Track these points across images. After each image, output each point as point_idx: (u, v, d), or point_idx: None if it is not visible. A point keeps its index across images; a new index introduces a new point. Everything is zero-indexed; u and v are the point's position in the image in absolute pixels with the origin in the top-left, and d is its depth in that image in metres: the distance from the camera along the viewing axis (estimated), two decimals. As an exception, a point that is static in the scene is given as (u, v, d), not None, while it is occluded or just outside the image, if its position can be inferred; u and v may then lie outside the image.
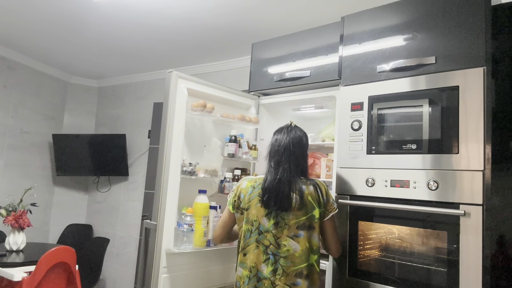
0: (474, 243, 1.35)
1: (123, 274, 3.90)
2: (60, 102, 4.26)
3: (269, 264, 1.45)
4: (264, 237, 1.47)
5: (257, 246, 1.48)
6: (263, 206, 1.49)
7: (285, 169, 1.51)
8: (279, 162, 1.54)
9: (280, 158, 1.54)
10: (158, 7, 2.51)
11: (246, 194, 1.54)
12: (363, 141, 1.69)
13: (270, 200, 1.47)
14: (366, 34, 1.78)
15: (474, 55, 1.45)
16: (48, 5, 2.60)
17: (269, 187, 1.49)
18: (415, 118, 1.57)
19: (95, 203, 4.29)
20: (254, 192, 1.53)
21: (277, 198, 1.46)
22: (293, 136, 1.59)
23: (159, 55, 3.47)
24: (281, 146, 1.56)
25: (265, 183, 1.51)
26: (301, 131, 1.64)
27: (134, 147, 4.03)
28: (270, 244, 1.46)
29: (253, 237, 1.49)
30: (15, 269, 2.38)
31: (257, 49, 2.36)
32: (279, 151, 1.56)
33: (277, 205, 1.46)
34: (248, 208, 1.52)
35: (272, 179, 1.50)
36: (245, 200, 1.54)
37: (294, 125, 1.65)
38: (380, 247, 1.65)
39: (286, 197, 1.46)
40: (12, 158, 3.70)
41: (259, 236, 1.48)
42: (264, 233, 1.48)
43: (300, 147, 1.59)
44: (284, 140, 1.57)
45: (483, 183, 1.36)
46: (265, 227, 1.48)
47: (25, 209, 2.80)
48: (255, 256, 1.47)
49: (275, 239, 1.46)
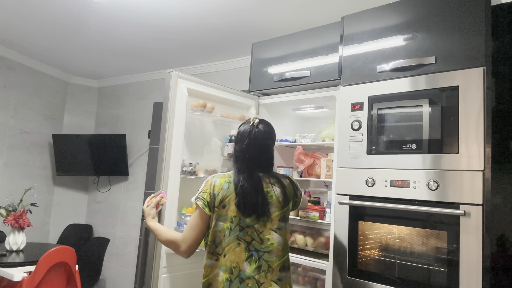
0: (474, 243, 1.35)
1: (123, 274, 3.90)
2: (60, 102, 4.26)
3: (252, 261, 1.37)
4: (246, 233, 1.38)
5: (238, 244, 1.38)
6: (240, 212, 1.39)
7: (253, 168, 1.44)
8: (248, 161, 1.45)
9: (248, 157, 1.45)
10: (158, 7, 2.51)
11: (220, 191, 1.42)
12: (363, 141, 1.69)
13: (246, 208, 1.38)
14: (366, 34, 1.78)
15: (474, 55, 1.45)
16: (48, 5, 2.60)
17: (240, 192, 1.39)
18: (415, 118, 1.57)
19: (95, 203, 4.29)
20: (230, 187, 1.42)
21: (251, 206, 1.38)
22: (258, 131, 1.49)
23: (159, 55, 3.47)
24: (247, 144, 1.46)
25: (236, 189, 1.40)
26: (265, 126, 1.53)
27: (134, 147, 4.03)
28: (253, 240, 1.38)
29: (233, 234, 1.38)
30: (15, 269, 2.38)
31: (257, 49, 2.36)
32: (246, 149, 1.46)
33: (255, 213, 1.39)
34: (225, 205, 1.40)
35: (243, 185, 1.40)
36: (219, 197, 1.41)
37: (258, 122, 1.53)
38: (380, 247, 1.65)
39: (262, 205, 1.39)
40: (12, 158, 3.70)
41: (239, 232, 1.38)
42: (245, 229, 1.39)
43: (269, 139, 1.52)
44: (248, 133, 1.48)
45: (483, 183, 1.36)
46: (246, 222, 1.39)
47: (25, 209, 2.80)
48: (236, 255, 1.37)
49: (257, 233, 1.39)
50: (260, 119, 1.54)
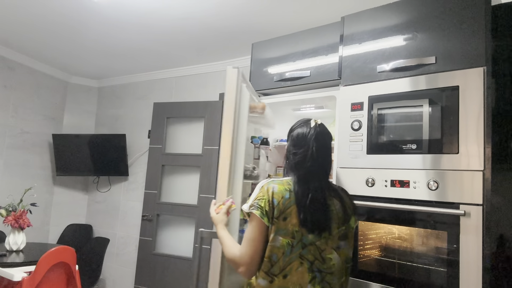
0: (474, 243, 1.35)
1: (123, 274, 3.90)
2: (60, 102, 4.26)
3: (315, 283, 1.19)
4: (309, 251, 1.20)
5: (301, 263, 1.19)
6: (303, 226, 1.20)
7: (319, 178, 1.26)
8: (309, 168, 1.26)
9: (312, 164, 1.26)
10: (158, 7, 2.51)
11: (280, 200, 1.21)
12: (363, 141, 1.69)
13: (312, 223, 1.20)
14: (366, 34, 1.78)
15: (474, 55, 1.45)
16: (48, 5, 2.60)
17: (305, 205, 1.21)
18: (415, 118, 1.57)
19: (95, 203, 4.29)
20: (291, 197, 1.22)
21: (316, 221, 1.21)
22: (320, 131, 1.32)
23: (159, 55, 3.47)
24: (313, 149, 1.27)
25: (299, 197, 1.22)
26: (325, 126, 1.38)
27: (134, 147, 4.03)
28: (315, 259, 1.20)
29: (296, 252, 1.19)
30: (15, 269, 2.38)
31: (257, 49, 2.36)
32: (310, 154, 1.27)
33: (318, 229, 1.21)
34: (286, 217, 1.20)
35: (309, 196, 1.22)
36: (279, 207, 1.20)
37: (320, 122, 1.37)
38: (380, 247, 1.65)
39: (325, 220, 1.23)
40: (12, 158, 3.70)
41: (302, 250, 1.19)
42: (308, 246, 1.20)
43: (330, 141, 1.36)
44: (311, 136, 1.30)
45: (483, 183, 1.36)
46: (308, 239, 1.20)
47: (25, 209, 2.80)
48: (299, 276, 1.18)
49: (319, 252, 1.21)
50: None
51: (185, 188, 3.47)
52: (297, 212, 1.20)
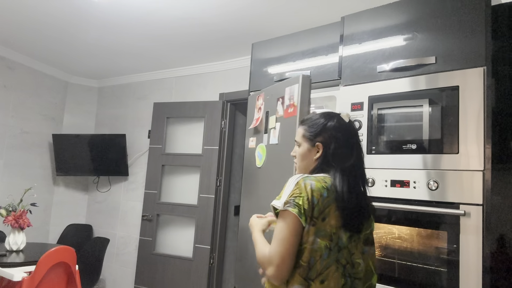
0: (474, 243, 1.35)
1: (123, 274, 3.90)
2: (60, 102, 4.26)
3: None
4: (342, 255, 1.11)
5: (337, 268, 1.09)
6: (343, 227, 1.12)
7: (361, 174, 1.19)
8: (353, 164, 1.17)
9: (353, 161, 1.18)
10: (158, 7, 2.51)
11: (319, 198, 1.09)
12: (363, 141, 1.69)
13: (353, 225, 1.13)
14: (366, 34, 1.78)
15: (474, 55, 1.45)
16: (48, 5, 2.60)
17: (347, 205, 1.11)
18: (415, 118, 1.57)
19: (95, 203, 4.29)
20: (329, 195, 1.11)
21: (356, 223, 1.14)
22: (354, 127, 1.25)
23: (159, 55, 3.47)
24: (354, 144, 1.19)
25: (341, 195, 1.11)
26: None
27: (134, 147, 4.03)
28: (347, 263, 1.11)
29: (333, 255, 1.09)
30: (15, 269, 2.38)
31: (257, 49, 2.36)
32: (351, 150, 1.18)
33: (352, 231, 1.13)
34: (325, 217, 1.09)
35: (347, 192, 1.12)
36: (319, 206, 1.08)
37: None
38: (380, 247, 1.65)
39: (362, 221, 1.16)
40: (12, 158, 3.70)
41: (338, 253, 1.10)
42: (342, 250, 1.11)
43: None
44: (353, 131, 1.22)
45: (483, 183, 1.36)
46: (343, 242, 1.11)
47: (25, 209, 2.80)
48: (335, 281, 1.08)
49: (350, 255, 1.12)
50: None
51: (185, 188, 3.47)
52: (338, 212, 1.10)
